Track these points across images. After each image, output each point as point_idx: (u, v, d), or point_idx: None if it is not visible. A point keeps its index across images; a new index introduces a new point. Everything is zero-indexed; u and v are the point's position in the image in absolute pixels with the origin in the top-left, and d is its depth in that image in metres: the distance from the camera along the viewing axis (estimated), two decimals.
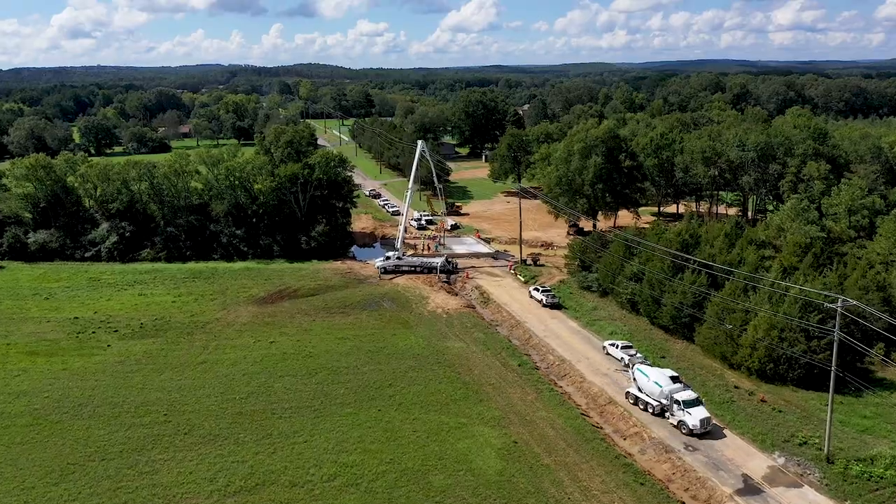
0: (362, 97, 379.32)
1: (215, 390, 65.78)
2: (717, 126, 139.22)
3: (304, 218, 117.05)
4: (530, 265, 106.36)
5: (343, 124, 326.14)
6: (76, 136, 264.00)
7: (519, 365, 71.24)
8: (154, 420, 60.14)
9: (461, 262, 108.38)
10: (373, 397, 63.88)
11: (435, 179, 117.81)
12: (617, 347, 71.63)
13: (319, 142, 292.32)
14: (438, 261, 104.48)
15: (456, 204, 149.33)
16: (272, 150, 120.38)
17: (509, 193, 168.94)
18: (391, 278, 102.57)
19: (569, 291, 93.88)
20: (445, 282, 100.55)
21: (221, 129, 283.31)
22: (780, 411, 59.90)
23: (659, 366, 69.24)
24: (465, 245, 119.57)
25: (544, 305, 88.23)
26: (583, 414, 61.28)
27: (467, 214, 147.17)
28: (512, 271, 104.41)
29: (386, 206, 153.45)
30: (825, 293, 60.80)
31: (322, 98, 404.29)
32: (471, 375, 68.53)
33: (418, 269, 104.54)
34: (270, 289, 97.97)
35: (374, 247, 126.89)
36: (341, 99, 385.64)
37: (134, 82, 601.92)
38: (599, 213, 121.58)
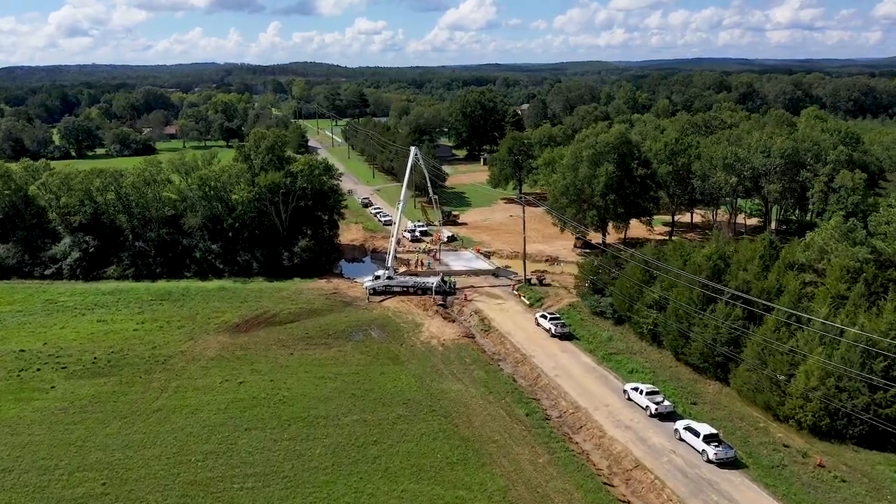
0: (356, 97, 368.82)
1: (167, 449, 55.44)
2: (737, 129, 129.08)
3: (287, 231, 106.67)
4: (535, 285, 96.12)
5: (336, 125, 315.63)
6: (56, 138, 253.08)
7: (527, 414, 60.99)
8: (88, 492, 49.80)
9: (459, 281, 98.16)
10: (355, 460, 53.59)
11: (430, 189, 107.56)
12: (641, 393, 61.42)
13: (311, 143, 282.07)
14: (433, 281, 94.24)
15: (453, 213, 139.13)
16: (252, 157, 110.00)
17: (509, 200, 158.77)
18: (381, 300, 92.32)
19: (580, 318, 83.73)
20: (441, 305, 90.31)
21: (209, 129, 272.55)
22: (843, 481, 49.80)
23: (690, 414, 59.26)
24: (462, 260, 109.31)
25: (553, 335, 78.06)
26: (606, 483, 51.06)
27: (465, 224, 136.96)
28: (515, 292, 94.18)
29: (378, 216, 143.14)
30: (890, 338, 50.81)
31: (315, 98, 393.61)
32: (471, 428, 58.31)
33: (411, 289, 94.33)
34: (246, 313, 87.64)
35: (363, 261, 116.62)
36: (335, 98, 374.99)
37: (127, 81, 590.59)
38: (610, 223, 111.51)
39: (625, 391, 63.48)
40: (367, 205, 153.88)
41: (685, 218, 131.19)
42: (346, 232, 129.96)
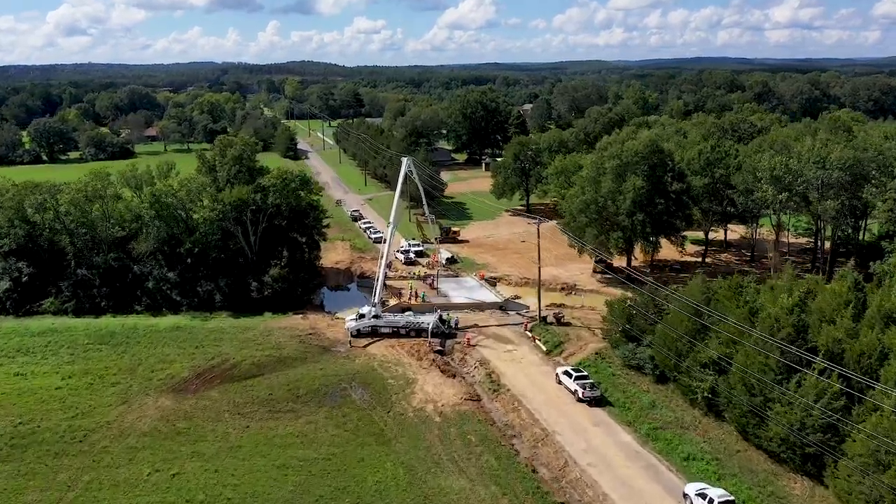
0: (351, 96, 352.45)
1: None
2: (772, 135, 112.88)
3: (257, 257, 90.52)
4: (552, 324, 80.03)
5: (329, 125, 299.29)
6: (26, 141, 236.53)
7: None
8: None
9: (461, 317, 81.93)
10: None
11: (425, 207, 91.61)
12: (712, 503, 45.26)
13: (301, 146, 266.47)
14: (430, 320, 78.06)
15: (453, 229, 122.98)
16: (217, 169, 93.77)
17: (516, 213, 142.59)
18: (366, 345, 76.21)
19: (610, 371, 67.67)
20: (439, 351, 74.14)
21: (193, 131, 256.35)
22: None
23: None
24: (464, 289, 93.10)
25: (581, 399, 61.89)
26: None
27: (466, 242, 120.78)
28: (528, 333, 78.08)
29: (368, 231, 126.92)
30: None
31: (308, 98, 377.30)
32: None
33: (402, 330, 78.22)
34: (199, 363, 71.44)
35: (348, 289, 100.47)
36: (329, 98, 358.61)
37: (119, 80, 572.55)
38: (636, 245, 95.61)
39: (685, 495, 47.35)
40: (356, 218, 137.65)
41: (717, 234, 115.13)
42: (330, 252, 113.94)
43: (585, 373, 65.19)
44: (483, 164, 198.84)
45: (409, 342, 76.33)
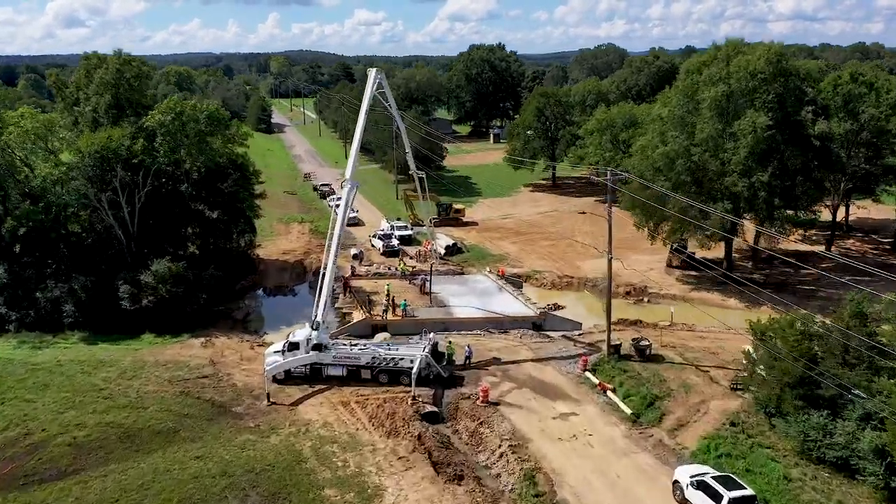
0: (341, 70, 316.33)
1: None
2: None
3: (137, 243, 55.93)
4: (630, 357, 45.63)
5: (312, 97, 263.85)
6: None
7: None
8: None
9: (473, 346, 47.17)
10: None
11: (411, 165, 57.53)
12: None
13: (281, 121, 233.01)
14: (416, 352, 43.34)
15: (454, 207, 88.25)
16: (81, 103, 59.05)
17: (537, 187, 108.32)
18: (297, 400, 41.76)
19: (777, 470, 33.16)
20: (430, 414, 39.59)
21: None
22: None
23: None
24: (474, 294, 58.65)
25: None
26: None
27: (474, 224, 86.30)
28: (591, 377, 43.54)
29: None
30: None
31: (295, 74, 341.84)
32: None
33: (366, 371, 43.61)
34: None
35: (296, 293, 65.93)
36: (316, 73, 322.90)
37: None
38: (744, 224, 61.20)
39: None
40: (325, 195, 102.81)
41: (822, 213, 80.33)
42: (281, 238, 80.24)
43: (740, 482, 30.65)
44: (491, 136, 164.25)
45: (376, 394, 41.91)
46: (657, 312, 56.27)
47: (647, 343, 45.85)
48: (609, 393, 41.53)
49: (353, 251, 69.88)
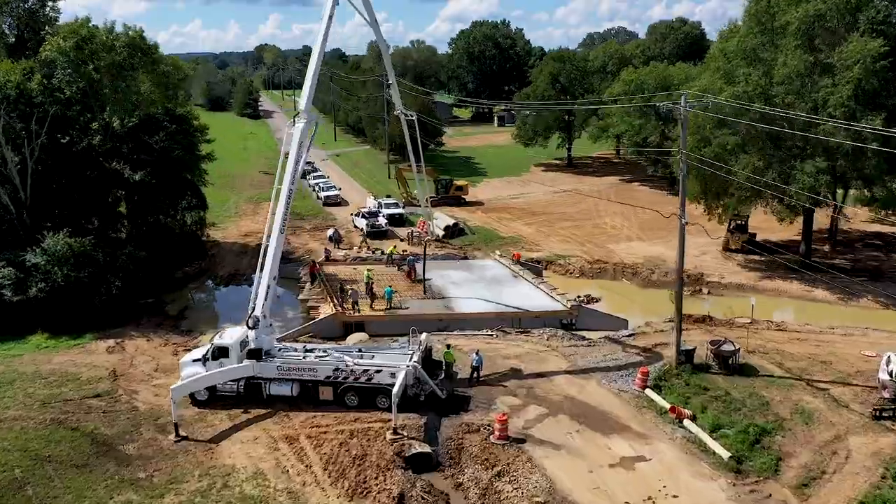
0: (336, 59, 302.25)
1: None
2: None
3: (32, 214, 41.94)
4: (709, 369, 31.76)
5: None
6: None
7: None
8: None
9: (483, 352, 33.29)
10: None
11: (396, 101, 43.73)
12: None
13: (268, 107, 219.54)
14: (401, 366, 29.29)
15: (456, 183, 74.30)
16: None
17: (550, 167, 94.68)
18: (226, 431, 27.85)
19: None
20: (419, 458, 25.65)
21: None
22: None
23: None
24: (482, 282, 44.79)
25: None
26: None
27: (480, 204, 72.43)
28: (653, 394, 29.60)
29: (318, 189, 78.40)
30: None
31: (290, 65, 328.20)
32: None
33: (326, 388, 29.60)
34: None
35: (246, 282, 51.96)
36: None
37: None
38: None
39: None
40: (305, 173, 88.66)
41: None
42: (245, 219, 66.85)
43: None
44: (496, 120, 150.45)
45: (339, 424, 27.97)
46: (721, 306, 42.38)
47: (734, 348, 31.93)
48: (687, 422, 27.71)
49: (329, 232, 56.10)
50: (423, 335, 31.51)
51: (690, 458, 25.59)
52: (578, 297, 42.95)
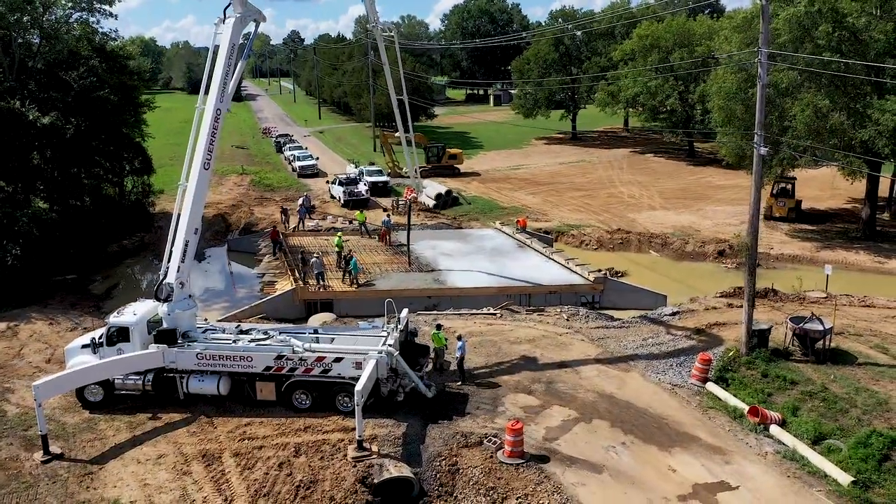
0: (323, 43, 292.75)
1: None
2: None
3: None
4: (792, 356, 23.48)
5: (293, 70, 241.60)
6: None
7: None
8: None
9: (487, 335, 24.95)
10: None
11: (390, 87, 34.92)
12: None
13: (253, 91, 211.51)
14: (369, 351, 20.94)
15: (449, 151, 65.74)
16: None
17: (552, 140, 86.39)
18: (121, 444, 19.38)
19: None
20: (392, 487, 17.36)
21: None
22: None
23: None
24: (481, 253, 36.47)
25: None
26: None
27: (476, 175, 63.97)
28: (719, 390, 21.32)
29: (294, 161, 69.43)
30: None
31: (278, 52, 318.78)
32: None
33: (263, 382, 21.14)
34: None
35: (206, 257, 43.41)
36: (298, 48, 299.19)
37: None
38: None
39: None
40: (281, 145, 80.00)
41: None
42: (216, 188, 57.75)
43: None
44: (491, 99, 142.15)
45: (281, 434, 19.58)
46: (777, 280, 34.12)
47: (824, 327, 23.59)
48: (775, 428, 19.47)
49: (300, 200, 47.56)
50: (404, 311, 23.11)
51: (794, 485, 17.31)
52: (606, 271, 34.66)
